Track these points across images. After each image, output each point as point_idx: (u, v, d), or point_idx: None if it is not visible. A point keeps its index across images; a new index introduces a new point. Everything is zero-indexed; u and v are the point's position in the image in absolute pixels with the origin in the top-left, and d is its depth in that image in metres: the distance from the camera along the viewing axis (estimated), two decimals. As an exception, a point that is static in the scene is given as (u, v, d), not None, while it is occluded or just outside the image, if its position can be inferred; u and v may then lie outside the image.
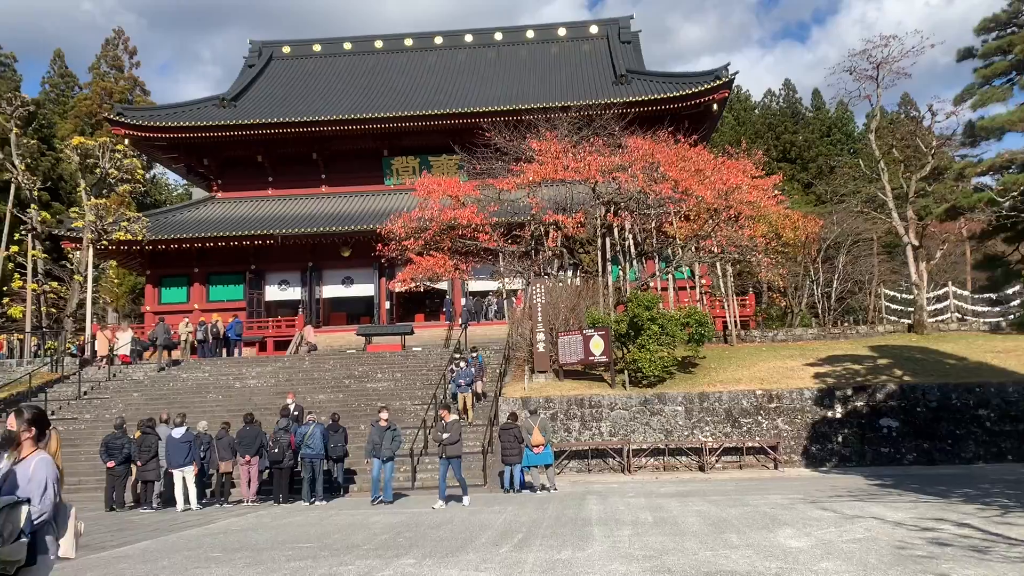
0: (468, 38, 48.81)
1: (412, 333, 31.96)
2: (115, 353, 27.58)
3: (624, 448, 20.12)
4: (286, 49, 49.20)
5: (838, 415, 20.43)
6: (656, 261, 28.95)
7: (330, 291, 39.23)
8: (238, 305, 37.87)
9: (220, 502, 16.47)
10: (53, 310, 33.89)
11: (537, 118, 28.53)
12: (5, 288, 32.25)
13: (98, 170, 31.39)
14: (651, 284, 27.02)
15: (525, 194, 26.86)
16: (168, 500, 16.12)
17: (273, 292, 39.21)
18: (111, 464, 15.94)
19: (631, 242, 26.75)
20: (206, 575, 8.67)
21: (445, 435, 14.83)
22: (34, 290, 30.29)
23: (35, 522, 4.41)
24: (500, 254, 27.17)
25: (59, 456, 4.74)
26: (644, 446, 20.27)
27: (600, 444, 20.37)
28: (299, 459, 16.21)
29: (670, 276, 27.73)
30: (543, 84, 42.21)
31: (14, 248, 30.70)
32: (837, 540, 9.47)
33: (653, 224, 27.35)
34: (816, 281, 40.22)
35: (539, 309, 22.82)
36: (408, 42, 49.01)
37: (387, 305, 38.25)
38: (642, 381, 21.33)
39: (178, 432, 15.64)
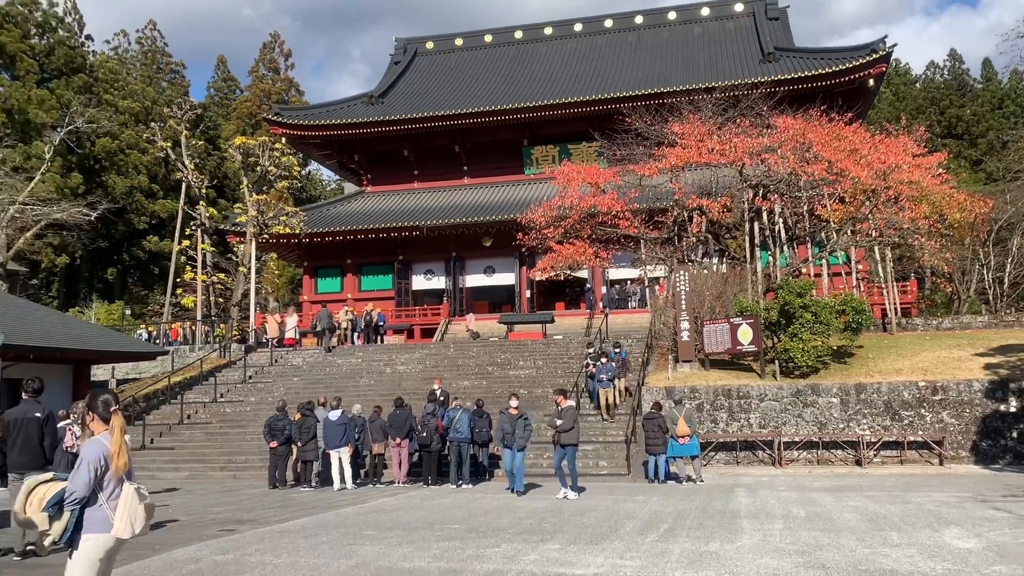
0: (608, 23, 48.32)
1: (552, 321, 32.12)
2: (283, 336, 29.39)
3: (775, 440, 19.41)
4: (429, 45, 50.43)
5: (1012, 409, 18.85)
6: (808, 246, 27.68)
7: (472, 280, 40.00)
8: (387, 294, 39.32)
9: (373, 482, 17.17)
10: (221, 300, 36.43)
11: (680, 101, 27.89)
12: (179, 280, 34.89)
13: (259, 168, 33.39)
14: (803, 270, 25.89)
15: (667, 179, 26.33)
16: (325, 479, 16.97)
17: (419, 281, 40.40)
18: (273, 444, 16.95)
19: (781, 226, 25.71)
20: (362, 551, 9.06)
21: (559, 421, 14.33)
22: (204, 281, 32.65)
23: (66, 499, 4.73)
24: (641, 241, 26.80)
25: (118, 439, 4.92)
26: (796, 439, 19.49)
27: (749, 436, 19.75)
28: (447, 443, 16.65)
29: (823, 262, 26.46)
30: (686, 66, 41.21)
31: (186, 242, 33.14)
32: (1012, 543, 8.75)
33: (805, 207, 26.15)
34: (986, 265, 37.23)
35: (683, 297, 22.34)
36: (548, 31, 49.08)
37: (527, 294, 38.61)
38: (794, 371, 20.50)
39: (334, 415, 16.42)
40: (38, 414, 9.83)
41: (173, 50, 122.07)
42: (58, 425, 17.06)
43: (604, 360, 20.97)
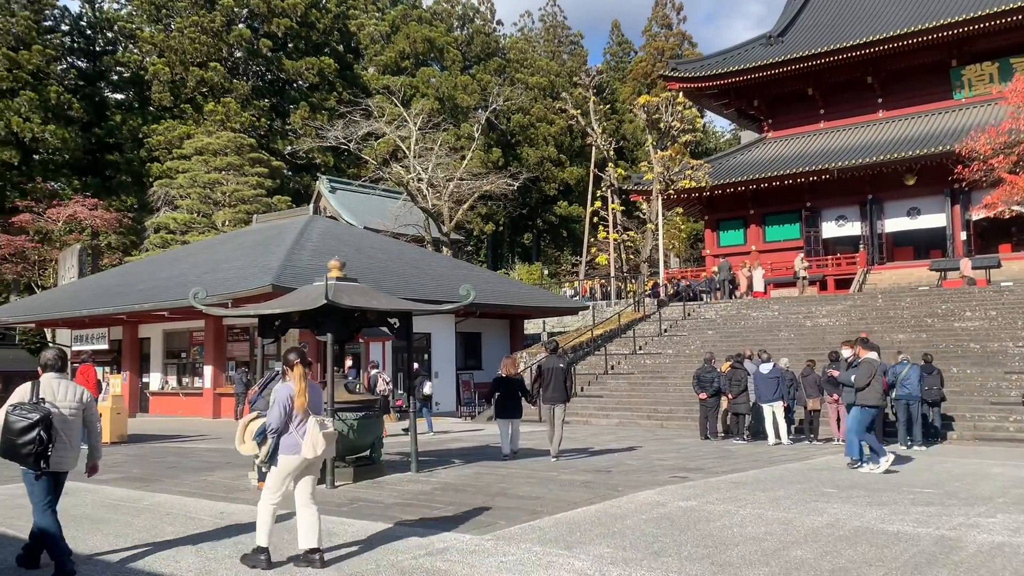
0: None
1: (999, 266, 27.95)
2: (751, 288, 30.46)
3: None
4: (830, -28, 46.47)
5: None
6: None
7: (892, 224, 36.35)
8: (794, 244, 37.50)
9: (809, 439, 16.48)
10: (631, 257, 37.87)
11: None
12: (592, 239, 36.95)
13: (661, 124, 33.79)
14: None
15: None
16: (757, 433, 16.70)
17: (830, 228, 37.84)
18: (703, 396, 17.08)
19: None
20: (830, 509, 8.62)
21: (852, 376, 11.79)
22: (615, 240, 34.12)
23: (267, 430, 6.40)
24: None
25: (299, 384, 6.40)
26: None
27: None
28: (892, 400, 15.32)
29: None
30: None
31: (597, 204, 34.90)
32: None
33: None
34: None
35: None
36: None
37: (962, 236, 34.02)
38: None
39: (765, 368, 16.02)
40: (562, 365, 13.49)
41: (571, 22, 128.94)
42: (371, 374, 20.33)
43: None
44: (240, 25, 52.94)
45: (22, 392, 6.31)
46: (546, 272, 54.47)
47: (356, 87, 57.31)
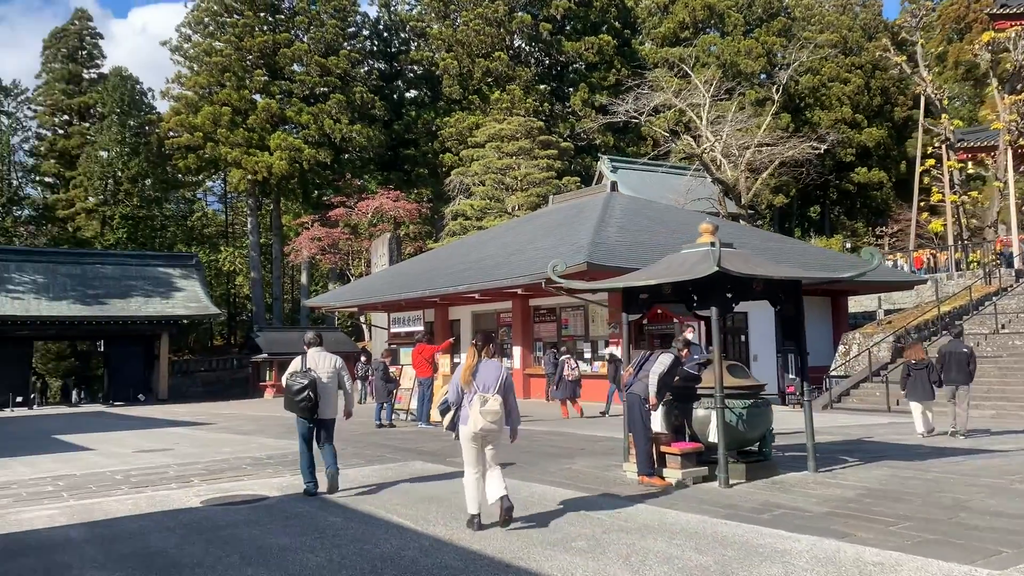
0: None
1: None
2: None
3: None
4: None
5: None
6: None
7: None
8: None
9: None
10: (974, 220, 32.80)
11: None
12: (923, 203, 32.53)
13: (1009, 64, 28.68)
14: None
15: None
16: None
17: None
18: None
19: None
20: None
21: None
22: (952, 202, 29.59)
23: (449, 401, 7.23)
24: None
25: (467, 363, 7.03)
26: None
27: None
28: None
29: None
30: None
31: (930, 161, 30.50)
32: None
33: None
34: None
35: None
36: None
37: None
38: None
39: None
40: (964, 349, 14.09)
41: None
42: (560, 359, 19.99)
43: None
44: (520, 12, 53.60)
45: (296, 363, 8.70)
46: (847, 246, 49.57)
47: (634, 63, 55.96)
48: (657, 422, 9.44)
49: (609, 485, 9.09)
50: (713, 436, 9.23)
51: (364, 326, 45.66)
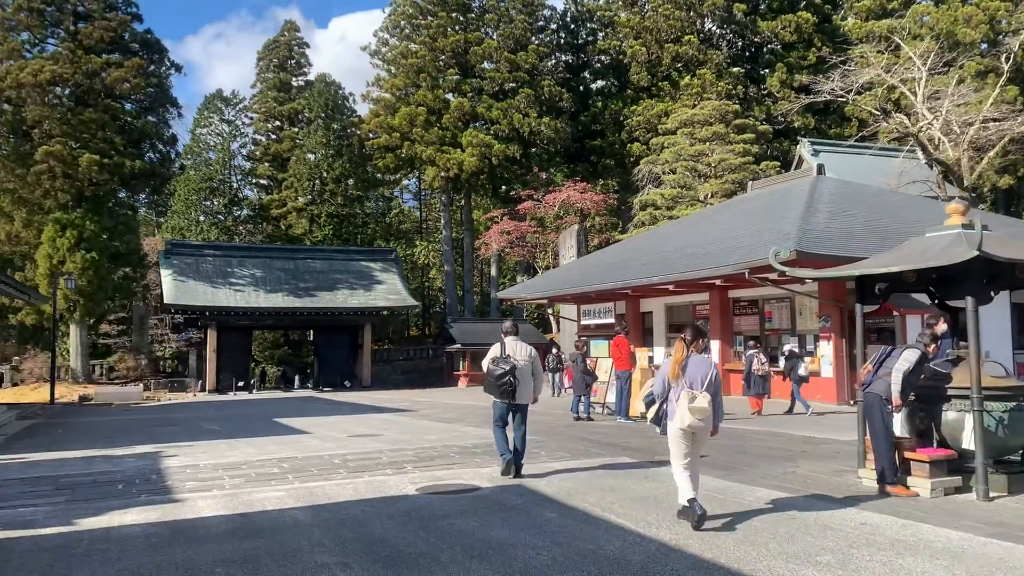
0: None
1: None
2: None
3: None
4: None
5: None
6: None
7: None
8: None
9: None
10: None
11: None
12: None
13: None
14: None
15: None
16: None
17: None
18: None
19: None
20: None
21: None
22: None
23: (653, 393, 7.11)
24: None
25: (676, 357, 6.97)
26: None
27: None
28: None
29: None
30: None
31: None
32: None
33: None
34: None
35: None
36: None
37: None
38: None
39: None
40: None
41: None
42: (747, 354, 19.17)
43: None
44: (711, -6, 51.66)
45: (495, 350, 9.21)
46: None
47: (836, 39, 52.39)
48: (897, 425, 8.51)
49: (843, 492, 8.26)
50: (966, 442, 8.21)
51: (552, 318, 45.87)
